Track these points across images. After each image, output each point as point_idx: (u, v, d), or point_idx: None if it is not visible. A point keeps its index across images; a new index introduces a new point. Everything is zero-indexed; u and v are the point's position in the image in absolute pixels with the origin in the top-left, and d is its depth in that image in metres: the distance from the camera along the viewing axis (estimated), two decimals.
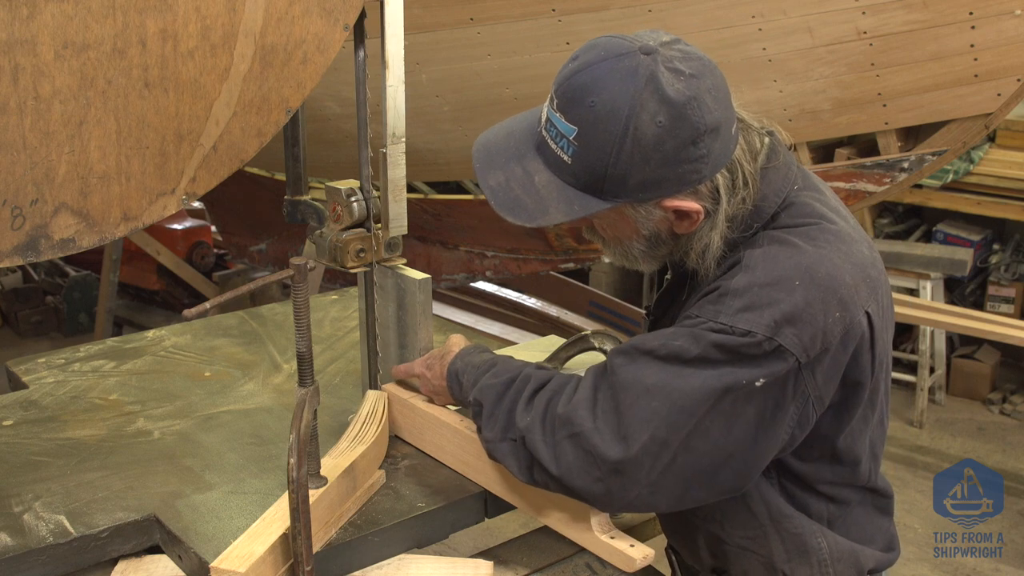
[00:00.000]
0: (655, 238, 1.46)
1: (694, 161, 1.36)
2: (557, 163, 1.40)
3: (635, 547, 1.43)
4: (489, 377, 1.55)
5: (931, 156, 3.44)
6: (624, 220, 1.44)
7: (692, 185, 1.38)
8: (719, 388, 1.34)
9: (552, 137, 1.40)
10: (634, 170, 1.35)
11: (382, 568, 1.54)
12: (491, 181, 1.46)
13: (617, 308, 5.17)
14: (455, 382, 1.64)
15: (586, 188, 1.38)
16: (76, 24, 1.35)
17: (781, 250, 1.40)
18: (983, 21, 3.06)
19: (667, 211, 1.41)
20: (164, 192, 1.50)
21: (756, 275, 1.38)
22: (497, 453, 1.51)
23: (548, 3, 3.37)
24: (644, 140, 1.33)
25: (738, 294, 1.37)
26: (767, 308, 1.34)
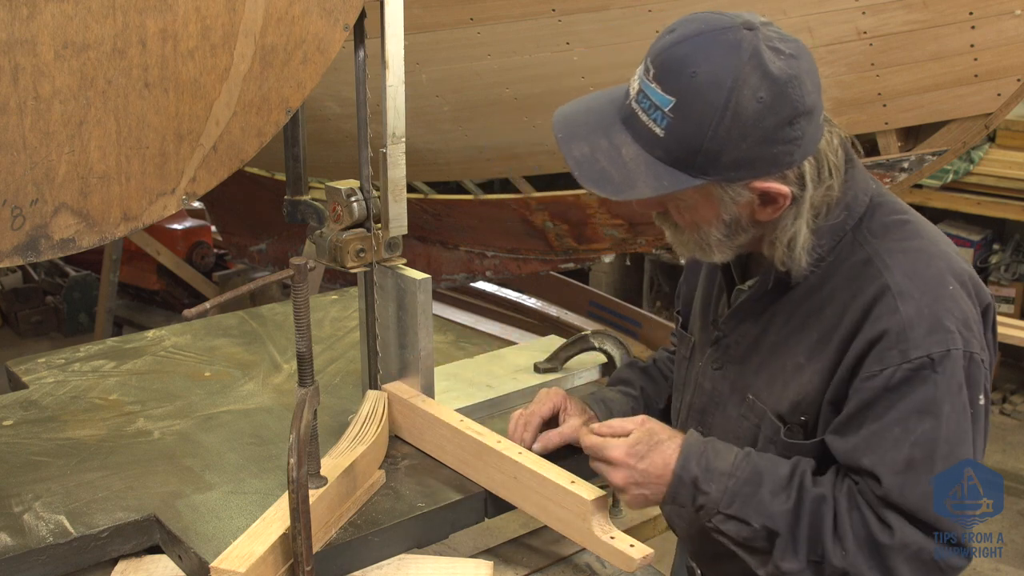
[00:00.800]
0: (735, 224, 1.42)
1: (788, 143, 1.33)
2: (647, 136, 1.35)
3: (635, 547, 1.43)
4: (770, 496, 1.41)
5: (931, 156, 3.44)
6: (708, 202, 1.40)
7: (783, 168, 1.36)
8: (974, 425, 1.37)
9: (644, 109, 1.35)
10: (730, 146, 1.31)
11: (382, 568, 1.54)
12: (575, 152, 1.41)
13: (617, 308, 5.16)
14: (689, 489, 1.44)
15: (676, 163, 1.34)
16: (76, 24, 1.35)
17: (913, 258, 1.40)
18: (983, 21, 3.06)
19: (754, 193, 1.38)
20: (164, 192, 1.50)
21: (917, 299, 1.36)
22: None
23: (548, 3, 3.37)
24: (744, 115, 1.30)
25: (915, 324, 1.35)
26: (948, 319, 1.35)
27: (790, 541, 1.39)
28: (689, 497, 1.44)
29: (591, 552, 1.58)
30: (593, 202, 4.12)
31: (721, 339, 1.58)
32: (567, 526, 1.51)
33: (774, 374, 1.50)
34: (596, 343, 2.06)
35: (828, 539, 1.38)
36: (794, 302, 1.48)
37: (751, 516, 1.40)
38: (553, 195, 4.20)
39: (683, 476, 1.44)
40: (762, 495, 1.41)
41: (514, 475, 1.57)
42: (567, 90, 3.63)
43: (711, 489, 1.42)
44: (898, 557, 1.35)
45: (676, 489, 1.44)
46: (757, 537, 1.41)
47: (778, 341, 1.50)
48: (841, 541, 1.37)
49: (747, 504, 1.41)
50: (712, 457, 1.44)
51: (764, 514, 1.40)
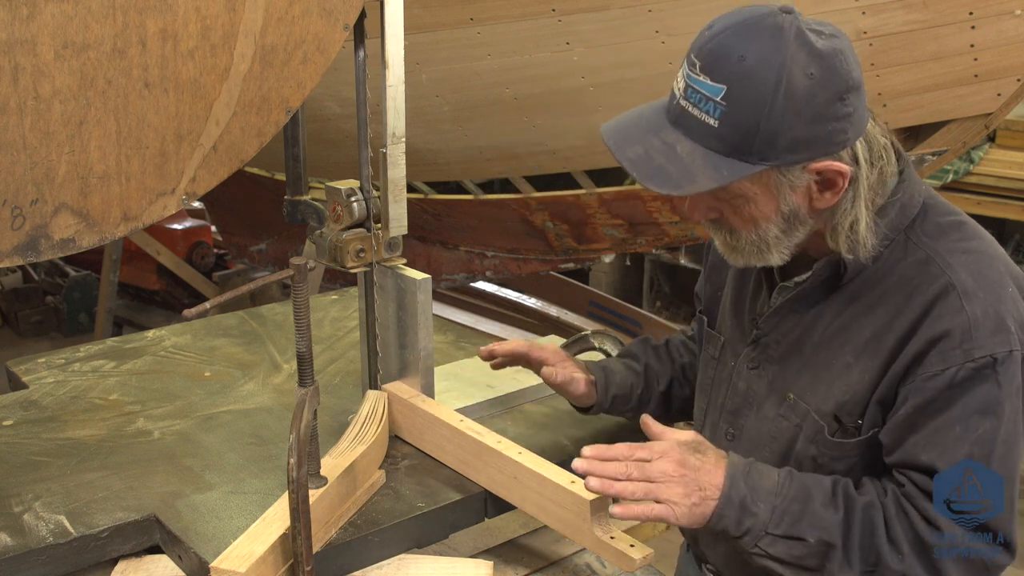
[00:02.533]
0: (794, 217, 1.41)
1: (841, 119, 1.33)
2: (701, 130, 1.35)
3: (635, 547, 1.42)
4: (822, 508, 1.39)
5: (931, 156, 3.44)
6: (767, 193, 1.39)
7: (838, 147, 1.35)
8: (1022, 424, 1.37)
9: (695, 103, 1.35)
10: (786, 126, 1.31)
11: (382, 568, 1.54)
12: (629, 153, 1.41)
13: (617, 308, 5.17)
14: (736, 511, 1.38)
15: (734, 152, 1.33)
16: (76, 24, 1.35)
17: (975, 259, 1.41)
18: (983, 21, 3.06)
19: (812, 176, 1.37)
20: (164, 192, 1.50)
21: (983, 297, 1.37)
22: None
23: (548, 3, 3.37)
24: (796, 93, 1.30)
25: (980, 324, 1.35)
26: (1010, 321, 1.36)
27: (845, 552, 1.37)
28: (735, 520, 1.38)
29: (591, 552, 1.58)
30: (593, 202, 4.12)
31: (761, 338, 1.57)
32: (567, 526, 1.51)
33: (818, 373, 1.49)
34: (596, 343, 2.06)
35: (883, 545, 1.37)
36: (843, 301, 1.48)
37: (806, 531, 1.37)
38: (553, 195, 4.20)
39: (732, 496, 1.38)
40: (814, 509, 1.38)
41: (514, 475, 1.57)
42: (567, 90, 3.64)
43: (759, 510, 1.38)
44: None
45: (724, 509, 1.38)
46: (811, 554, 1.38)
47: (823, 340, 1.49)
48: (897, 546, 1.37)
49: (799, 521, 1.38)
50: (757, 477, 1.41)
51: (819, 527, 1.37)
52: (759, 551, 1.40)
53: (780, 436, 1.52)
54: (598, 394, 1.78)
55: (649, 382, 1.83)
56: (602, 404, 1.79)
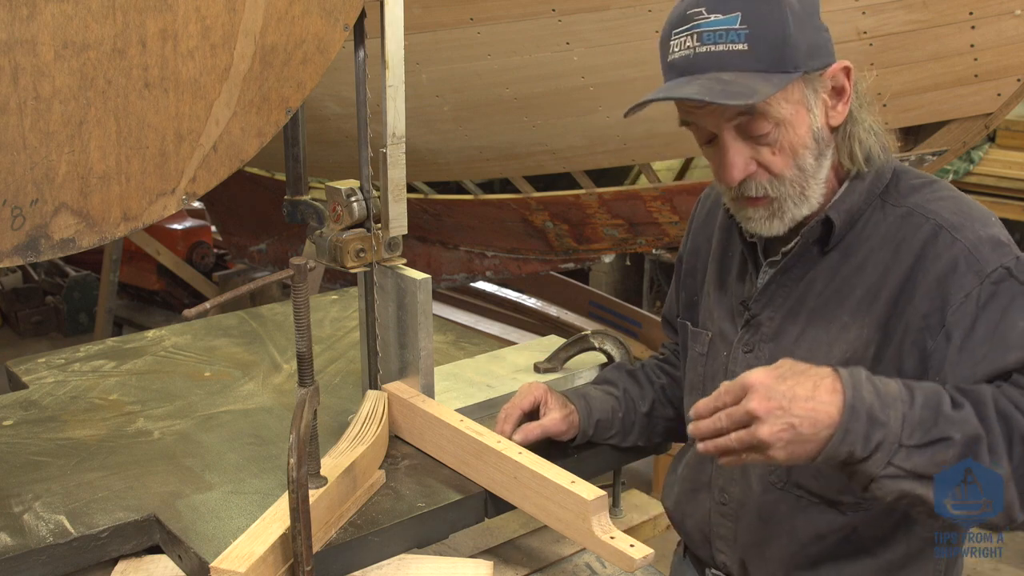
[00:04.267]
0: (820, 138, 1.47)
1: (824, 31, 1.45)
2: (735, 59, 1.40)
3: (635, 547, 1.42)
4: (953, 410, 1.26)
5: (931, 156, 3.44)
6: (799, 112, 1.44)
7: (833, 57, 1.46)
8: None
9: (716, 41, 1.41)
10: (802, 32, 1.41)
11: (382, 568, 1.54)
12: (685, 91, 1.41)
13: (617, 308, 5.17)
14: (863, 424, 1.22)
15: (771, 66, 1.40)
16: (76, 24, 1.35)
17: (952, 203, 1.47)
18: (983, 21, 3.06)
19: (827, 83, 1.45)
20: (164, 192, 1.50)
21: (971, 226, 1.43)
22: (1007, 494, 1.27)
23: (548, 3, 3.37)
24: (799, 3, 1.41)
25: (979, 246, 1.41)
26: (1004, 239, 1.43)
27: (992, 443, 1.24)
28: (862, 435, 1.21)
29: (591, 552, 1.58)
30: (593, 202, 4.12)
31: (752, 319, 1.59)
32: (567, 526, 1.51)
33: (816, 339, 1.51)
34: (596, 343, 2.06)
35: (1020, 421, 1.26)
36: (832, 266, 1.52)
37: (948, 430, 1.23)
38: (553, 195, 4.21)
39: (856, 406, 1.21)
40: (945, 410, 1.25)
41: (514, 475, 1.57)
42: (567, 90, 3.64)
43: (890, 418, 1.22)
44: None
45: (849, 423, 1.21)
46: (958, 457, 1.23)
47: (817, 307, 1.52)
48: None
49: (936, 423, 1.24)
50: (878, 384, 1.25)
51: (960, 422, 1.24)
52: (892, 470, 1.24)
53: None
54: (580, 421, 1.75)
55: (630, 405, 1.82)
56: (585, 431, 1.76)
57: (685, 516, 1.74)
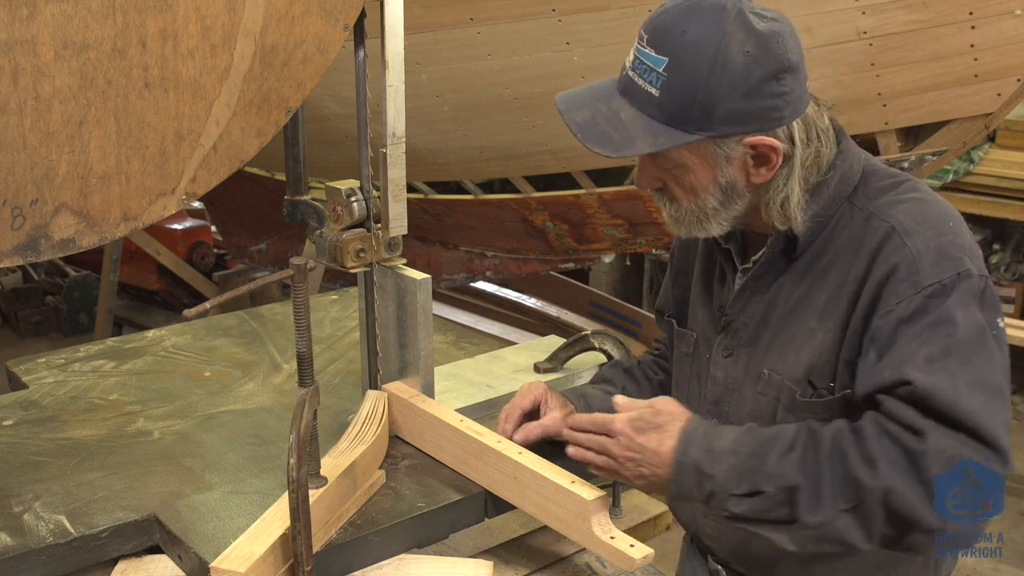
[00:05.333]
0: (731, 189, 1.47)
1: (776, 97, 1.41)
2: (644, 98, 1.43)
3: (635, 547, 1.42)
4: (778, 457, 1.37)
5: (931, 156, 3.44)
6: (704, 164, 1.45)
7: (773, 125, 1.42)
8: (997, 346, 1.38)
9: (640, 74, 1.44)
10: (721, 99, 1.38)
11: (382, 568, 1.54)
12: (577, 118, 1.48)
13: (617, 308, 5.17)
14: (693, 476, 1.40)
15: (672, 121, 1.41)
16: (76, 24, 1.35)
17: (914, 206, 1.46)
18: (983, 21, 3.06)
19: (747, 151, 1.43)
20: (164, 192, 1.50)
21: (923, 233, 1.42)
22: (832, 533, 1.34)
23: (548, 3, 3.37)
24: (733, 67, 1.38)
25: (923, 255, 1.40)
26: (956, 250, 1.40)
27: (812, 492, 1.34)
28: (694, 484, 1.40)
29: (591, 552, 1.58)
30: (593, 202, 4.12)
31: (729, 324, 1.60)
32: (567, 526, 1.51)
33: (786, 344, 1.52)
34: (596, 343, 2.06)
35: (857, 467, 1.32)
36: (798, 272, 1.52)
37: (762, 483, 1.36)
38: (553, 195, 4.20)
39: (683, 461, 1.41)
40: (770, 460, 1.37)
41: (514, 475, 1.57)
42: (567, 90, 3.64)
43: (716, 471, 1.39)
44: (934, 463, 1.30)
45: (679, 476, 1.41)
46: (776, 505, 1.35)
47: (786, 311, 1.53)
48: (872, 464, 1.32)
49: (756, 474, 1.37)
50: (714, 438, 1.41)
51: (776, 475, 1.35)
52: (729, 513, 1.39)
53: (761, 414, 1.55)
54: None
55: None
56: None
57: (678, 511, 1.78)
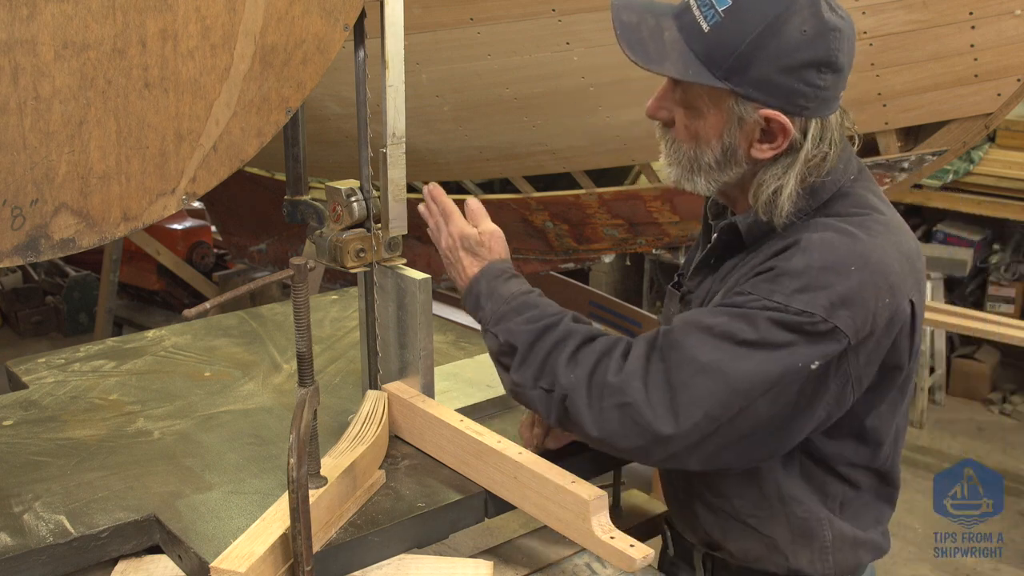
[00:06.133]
0: (731, 153, 1.48)
1: (810, 86, 1.41)
2: (692, 28, 1.44)
3: (635, 547, 1.42)
4: (523, 322, 1.54)
5: (931, 156, 3.44)
6: (718, 115, 1.46)
7: (795, 111, 1.43)
8: (776, 372, 1.38)
9: (700, 5, 1.44)
10: (760, 61, 1.40)
11: (382, 568, 1.54)
12: (624, 17, 1.50)
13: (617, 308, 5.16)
14: (473, 300, 1.63)
15: (707, 60, 1.42)
16: (76, 24, 1.35)
17: (837, 237, 1.44)
18: (983, 21, 3.06)
19: (760, 120, 1.44)
20: (164, 192, 1.50)
21: (813, 258, 1.41)
22: (524, 398, 1.53)
23: (548, 3, 3.37)
24: (785, 39, 1.39)
25: (795, 275, 1.40)
26: (823, 290, 1.38)
27: (524, 357, 1.51)
28: (473, 308, 1.62)
29: (591, 552, 1.58)
30: (593, 202, 4.12)
31: (685, 295, 1.66)
32: (567, 526, 1.51)
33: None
34: None
35: (561, 361, 1.47)
36: (739, 259, 1.55)
37: (500, 332, 1.55)
38: (553, 195, 4.20)
39: (472, 288, 1.63)
40: (516, 320, 1.54)
41: (514, 475, 1.57)
42: (567, 90, 3.64)
43: (486, 306, 1.59)
44: (610, 398, 1.42)
45: (466, 297, 1.64)
46: (502, 353, 1.55)
47: (715, 291, 1.56)
48: (574, 366, 1.46)
49: (501, 322, 1.55)
50: (499, 283, 1.60)
51: (510, 332, 1.53)
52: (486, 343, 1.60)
53: None
54: None
55: None
56: None
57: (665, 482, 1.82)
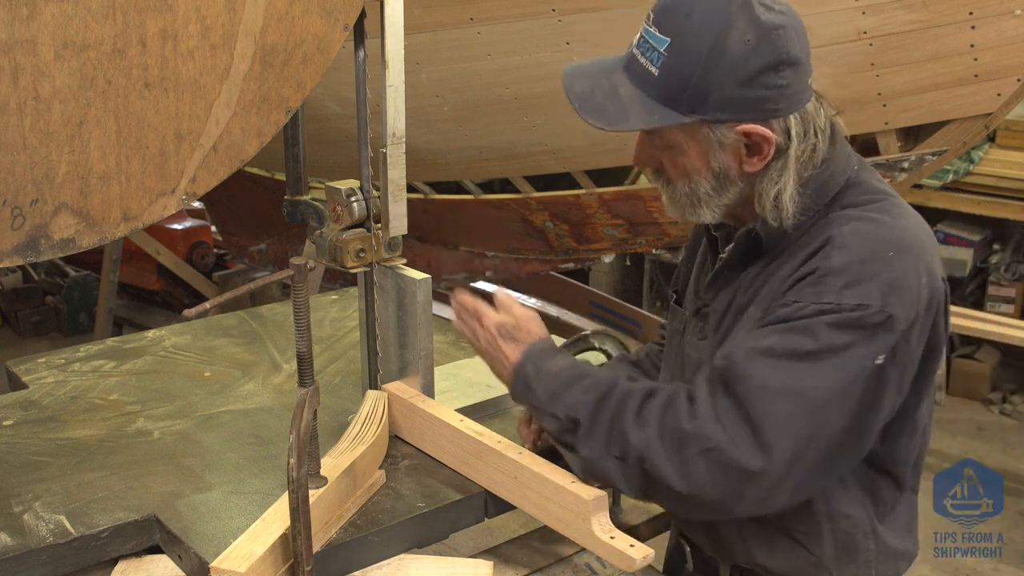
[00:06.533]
0: (724, 176, 1.48)
1: (773, 89, 1.42)
2: (644, 76, 1.45)
3: (635, 547, 1.43)
4: (579, 392, 1.49)
5: (931, 156, 3.44)
6: (697, 146, 1.47)
7: (768, 116, 1.44)
8: (846, 377, 1.37)
9: (643, 52, 1.46)
10: (716, 84, 1.40)
11: (382, 568, 1.54)
12: (577, 88, 1.51)
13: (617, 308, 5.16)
14: (521, 385, 1.56)
15: (668, 101, 1.43)
16: (76, 24, 1.35)
17: (866, 226, 1.44)
18: (983, 21, 3.05)
19: (740, 138, 1.44)
20: (164, 192, 1.50)
21: (851, 252, 1.41)
22: (598, 472, 1.47)
23: (548, 3, 3.37)
24: (731, 54, 1.39)
25: (839, 272, 1.40)
26: (871, 281, 1.38)
27: (589, 428, 1.46)
28: (523, 393, 1.55)
29: (591, 552, 1.58)
30: (593, 202, 4.12)
31: (701, 308, 1.64)
32: (567, 526, 1.51)
33: (736, 333, 1.54)
34: (596, 343, 2.06)
35: (628, 422, 1.43)
36: (762, 265, 1.54)
37: (558, 409, 1.50)
38: (553, 195, 4.20)
39: (519, 372, 1.56)
40: (572, 392, 1.50)
41: (514, 475, 1.58)
42: None
43: (537, 388, 1.53)
44: (691, 447, 1.38)
45: (515, 383, 1.57)
46: (564, 432, 1.50)
47: (744, 303, 1.55)
48: (643, 424, 1.42)
49: (558, 401, 1.50)
50: (547, 362, 1.55)
51: (569, 406, 1.49)
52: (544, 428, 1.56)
53: None
54: None
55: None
56: None
57: None
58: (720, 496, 1.39)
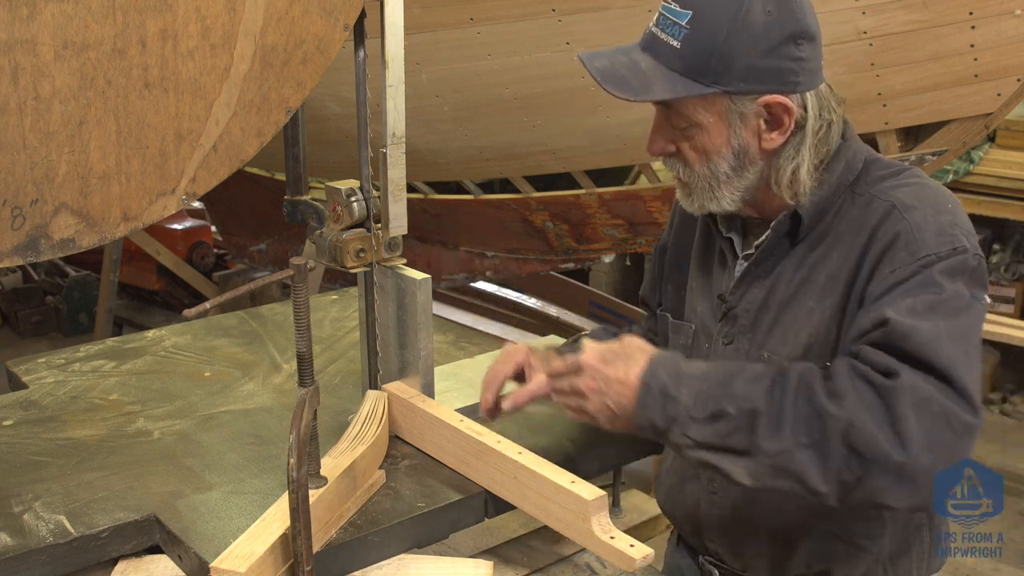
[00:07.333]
0: (743, 153, 1.49)
1: (793, 60, 1.44)
2: (665, 51, 1.46)
3: (635, 547, 1.42)
4: (746, 383, 1.34)
5: (931, 156, 3.44)
6: (719, 122, 1.47)
7: (788, 88, 1.45)
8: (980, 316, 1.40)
9: (663, 28, 1.47)
10: (740, 54, 1.42)
11: (382, 568, 1.54)
12: (597, 63, 1.50)
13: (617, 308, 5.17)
14: (656, 398, 1.37)
15: (690, 72, 1.44)
16: (76, 24, 1.35)
17: (915, 189, 1.49)
18: (983, 21, 3.06)
19: (761, 111, 1.46)
20: (164, 192, 1.50)
21: (923, 210, 1.44)
22: (789, 465, 1.30)
23: (548, 3, 3.37)
24: (754, 24, 1.41)
25: (922, 228, 1.42)
26: (952, 229, 1.42)
27: (772, 418, 1.31)
28: (659, 408, 1.36)
29: (591, 552, 1.58)
30: (593, 202, 4.12)
31: (729, 311, 1.62)
32: (567, 526, 1.51)
33: (787, 327, 1.54)
34: None
35: (823, 398, 1.30)
36: (800, 256, 1.54)
37: (726, 404, 1.33)
38: (553, 195, 4.21)
39: (650, 384, 1.38)
40: (736, 385, 1.35)
41: (514, 475, 1.57)
42: (567, 90, 3.64)
43: (681, 394, 1.36)
44: (904, 400, 1.26)
45: (644, 399, 1.37)
46: (737, 430, 1.32)
47: (787, 296, 1.54)
48: (838, 397, 1.29)
49: (721, 397, 1.34)
50: (683, 365, 1.40)
51: (741, 397, 1.33)
52: (690, 441, 1.36)
53: None
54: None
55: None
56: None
57: (676, 506, 1.77)
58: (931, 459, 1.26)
